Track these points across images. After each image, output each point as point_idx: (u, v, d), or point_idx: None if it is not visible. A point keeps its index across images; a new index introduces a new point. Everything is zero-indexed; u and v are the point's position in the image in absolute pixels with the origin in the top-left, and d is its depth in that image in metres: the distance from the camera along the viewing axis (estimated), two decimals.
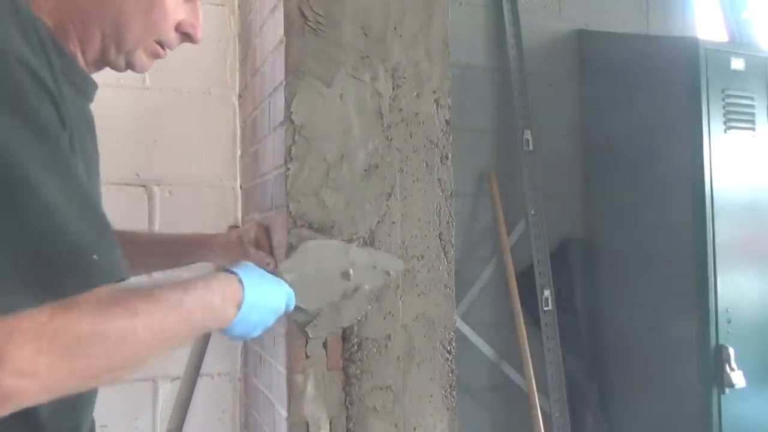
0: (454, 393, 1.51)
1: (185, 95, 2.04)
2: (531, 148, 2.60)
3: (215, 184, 2.07)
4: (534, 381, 2.44)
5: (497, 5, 2.67)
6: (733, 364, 2.21)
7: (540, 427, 2.40)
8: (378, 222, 1.46)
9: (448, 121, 1.53)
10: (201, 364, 1.85)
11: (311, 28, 1.42)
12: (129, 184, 1.96)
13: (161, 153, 2.01)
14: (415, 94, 1.50)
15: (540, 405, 2.43)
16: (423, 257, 1.49)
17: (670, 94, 2.40)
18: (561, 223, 2.70)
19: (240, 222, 2.06)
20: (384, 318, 1.45)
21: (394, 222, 1.47)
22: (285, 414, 1.41)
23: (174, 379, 1.95)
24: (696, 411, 2.27)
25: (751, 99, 2.38)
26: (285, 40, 1.41)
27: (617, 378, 2.63)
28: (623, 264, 2.60)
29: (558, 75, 2.77)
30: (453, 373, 1.51)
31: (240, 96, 2.09)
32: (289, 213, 1.38)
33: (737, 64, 2.36)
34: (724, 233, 2.27)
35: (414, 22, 1.50)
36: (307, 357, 1.40)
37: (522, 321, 2.49)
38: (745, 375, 2.22)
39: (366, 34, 1.46)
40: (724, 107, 2.31)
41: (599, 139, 2.73)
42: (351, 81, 1.45)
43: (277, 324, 1.50)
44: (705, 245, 2.25)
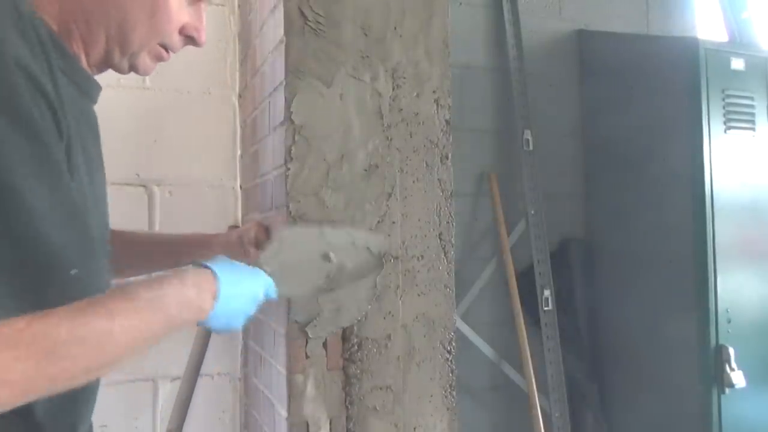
0: (454, 393, 1.51)
1: (185, 95, 2.04)
2: (531, 148, 2.60)
3: (215, 184, 2.07)
4: (534, 381, 2.44)
5: (497, 5, 2.67)
6: (733, 364, 2.21)
7: (540, 427, 2.40)
8: (378, 222, 1.46)
9: (448, 121, 1.53)
10: (201, 364, 1.85)
11: (311, 28, 1.42)
12: (129, 184, 1.96)
13: (161, 153, 2.01)
14: (415, 94, 1.50)
15: (540, 405, 2.43)
16: (423, 257, 1.49)
17: (670, 94, 2.40)
18: (561, 223, 2.70)
19: (240, 222, 2.06)
20: (384, 318, 1.45)
21: (394, 222, 1.47)
22: (285, 414, 1.41)
23: (174, 379, 1.95)
24: (696, 411, 2.27)
25: (751, 99, 2.38)
26: (285, 40, 1.41)
27: (617, 378, 2.63)
28: (623, 264, 2.60)
29: (558, 75, 2.77)
30: (453, 373, 1.51)
31: (240, 96, 2.09)
32: (289, 213, 1.38)
33: (737, 64, 2.36)
34: (724, 233, 2.27)
35: (414, 22, 1.50)
36: (307, 357, 1.40)
37: (522, 321, 2.49)
38: (745, 375, 2.22)
39: (366, 34, 1.46)
40: (724, 107, 2.31)
41: (599, 139, 2.73)
42: (351, 81, 1.45)
43: (278, 324, 1.51)
44: (705, 245, 2.25)
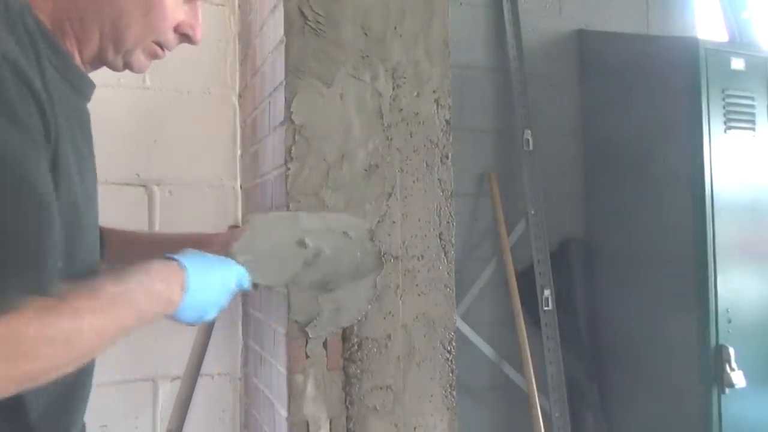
0: (454, 393, 1.51)
1: (185, 95, 2.04)
2: (531, 148, 2.60)
3: (215, 184, 2.07)
4: (534, 381, 2.43)
5: (497, 5, 2.67)
6: (733, 364, 2.21)
7: (540, 427, 2.40)
8: (378, 222, 1.46)
9: (448, 121, 1.53)
10: (201, 364, 1.85)
11: (311, 27, 1.42)
12: (129, 184, 1.96)
13: (161, 153, 2.01)
14: (416, 93, 1.50)
15: (540, 405, 2.43)
16: (423, 257, 1.49)
17: (670, 94, 2.40)
18: (561, 223, 2.70)
19: (240, 222, 2.06)
20: (384, 318, 1.45)
21: (394, 222, 1.47)
22: (285, 414, 1.41)
23: (174, 379, 1.95)
24: (696, 411, 2.27)
25: (752, 99, 2.38)
26: (285, 40, 1.41)
27: (617, 378, 2.63)
28: (623, 264, 2.60)
29: (558, 75, 2.77)
30: (453, 373, 1.51)
31: (240, 96, 2.08)
32: None
33: (737, 64, 2.36)
34: (724, 233, 2.27)
35: (414, 22, 1.50)
36: (307, 357, 1.40)
37: (522, 321, 2.49)
38: (745, 375, 2.21)
39: (366, 33, 1.46)
40: (724, 107, 2.31)
41: (599, 139, 2.73)
42: (351, 81, 1.45)
43: (278, 324, 1.51)
44: (705, 245, 2.25)
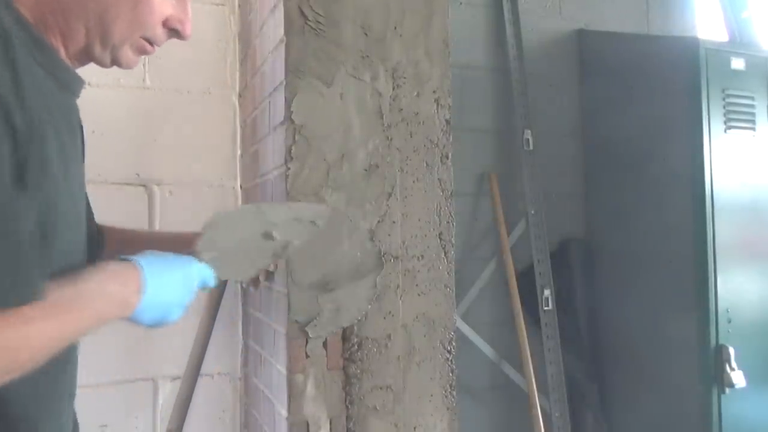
0: (454, 393, 1.51)
1: (185, 95, 2.04)
2: (531, 148, 2.59)
3: (215, 184, 2.07)
4: (534, 381, 2.43)
5: (497, 5, 2.67)
6: (733, 363, 2.20)
7: (540, 427, 2.39)
8: (378, 221, 1.46)
9: (448, 121, 1.53)
10: (201, 363, 1.85)
11: (311, 27, 1.42)
12: (129, 184, 1.96)
13: (161, 153, 2.01)
14: (416, 93, 1.50)
15: (540, 405, 2.43)
16: (423, 257, 1.49)
17: (670, 94, 2.40)
18: (561, 223, 2.70)
19: None
20: (384, 318, 1.45)
21: (394, 222, 1.47)
22: (285, 413, 1.41)
23: (174, 379, 1.95)
24: (696, 411, 2.27)
25: (752, 99, 2.38)
26: (285, 39, 1.41)
27: (617, 378, 2.62)
28: (623, 264, 2.60)
29: (558, 75, 2.77)
30: (453, 373, 1.51)
31: (240, 96, 2.08)
32: None
33: (737, 63, 2.36)
34: (724, 233, 2.26)
35: (414, 22, 1.50)
36: (308, 357, 1.40)
37: (522, 321, 2.49)
38: (745, 375, 2.21)
39: (366, 33, 1.46)
40: (724, 107, 2.31)
41: (599, 139, 2.73)
42: (351, 81, 1.45)
43: (278, 324, 1.51)
44: (705, 245, 2.24)
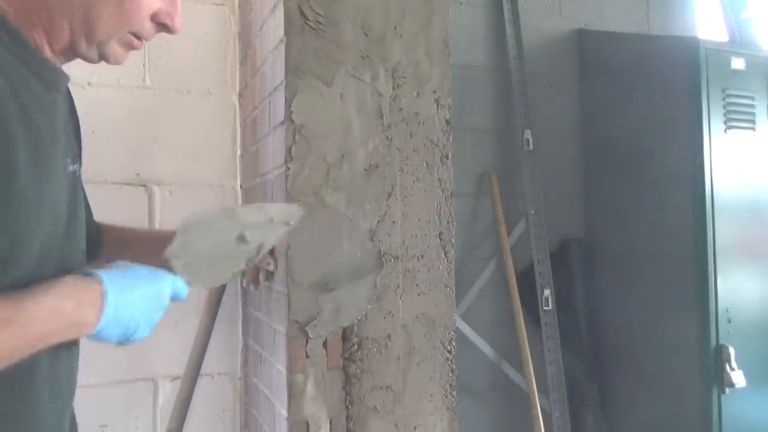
0: (454, 393, 1.51)
1: (185, 95, 2.04)
2: (531, 148, 2.59)
3: (215, 183, 2.07)
4: (534, 381, 2.43)
5: (497, 5, 2.67)
6: (733, 363, 2.20)
7: (540, 427, 2.39)
8: (378, 221, 1.46)
9: (448, 121, 1.53)
10: (201, 363, 1.85)
11: (311, 27, 1.42)
12: (129, 183, 1.96)
13: (161, 153, 2.01)
14: (416, 93, 1.50)
15: (540, 405, 2.43)
16: (423, 257, 1.49)
17: (670, 94, 2.40)
18: (561, 223, 2.70)
19: None
20: (384, 318, 1.45)
21: (394, 221, 1.47)
22: (285, 413, 1.41)
23: (174, 379, 1.95)
24: (696, 411, 2.27)
25: (752, 99, 2.38)
26: (285, 39, 1.41)
27: (617, 378, 2.62)
28: (623, 264, 2.60)
29: (558, 75, 2.77)
30: (453, 373, 1.51)
31: (240, 96, 2.08)
32: None
33: (737, 63, 2.36)
34: (724, 233, 2.26)
35: (414, 21, 1.50)
36: (308, 356, 1.40)
37: (522, 321, 2.49)
38: (745, 375, 2.21)
39: (366, 33, 1.46)
40: (724, 107, 2.31)
41: (599, 139, 2.73)
42: (351, 81, 1.45)
43: (278, 323, 1.51)
44: (705, 245, 2.24)
